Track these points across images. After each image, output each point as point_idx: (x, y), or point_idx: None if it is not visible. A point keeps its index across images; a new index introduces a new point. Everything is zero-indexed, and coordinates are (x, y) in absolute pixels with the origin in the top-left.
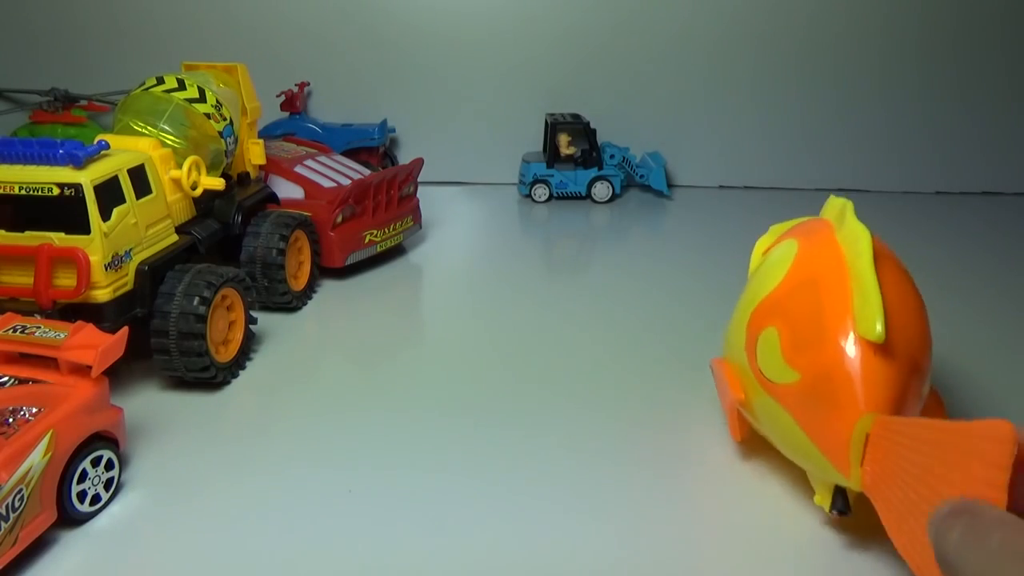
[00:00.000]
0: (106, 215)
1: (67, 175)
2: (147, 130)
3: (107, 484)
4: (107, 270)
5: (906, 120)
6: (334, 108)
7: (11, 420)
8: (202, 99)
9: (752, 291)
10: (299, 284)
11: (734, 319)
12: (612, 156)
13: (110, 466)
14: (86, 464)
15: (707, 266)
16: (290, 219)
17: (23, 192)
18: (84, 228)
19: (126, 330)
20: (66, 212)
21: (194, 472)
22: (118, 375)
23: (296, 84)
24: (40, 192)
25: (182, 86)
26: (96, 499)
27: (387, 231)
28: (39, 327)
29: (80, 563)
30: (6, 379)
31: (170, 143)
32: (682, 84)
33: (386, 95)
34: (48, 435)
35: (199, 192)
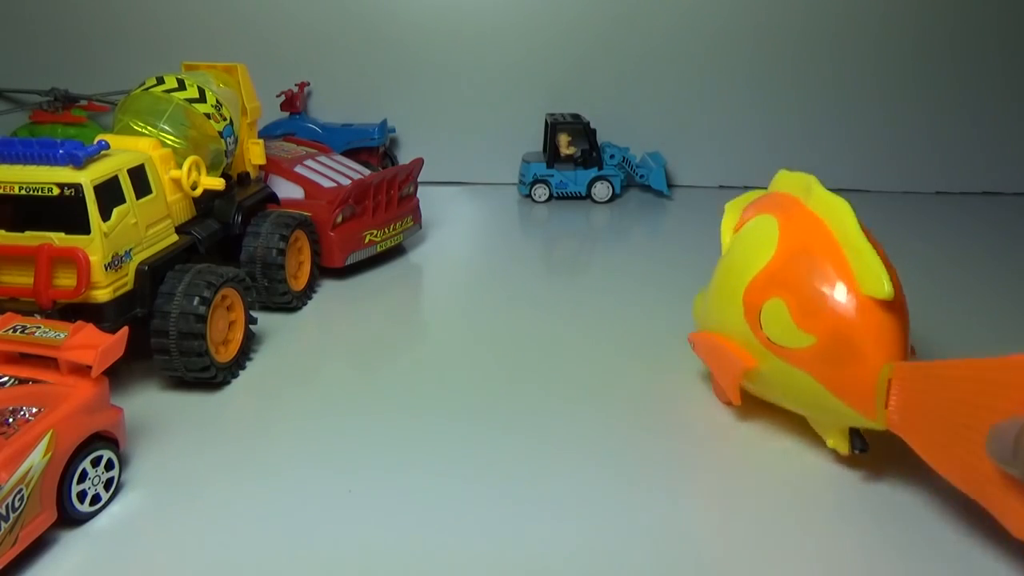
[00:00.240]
0: (106, 215)
1: (67, 175)
2: (147, 130)
3: (107, 484)
4: (107, 270)
5: (906, 120)
6: (334, 108)
7: (11, 420)
8: (202, 99)
9: (739, 266)
10: (299, 284)
11: (718, 294)
12: (612, 156)
13: (110, 466)
14: (86, 464)
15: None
16: (290, 219)
17: (23, 192)
18: (84, 228)
19: (126, 330)
20: (66, 212)
21: (194, 472)
22: (118, 375)
23: (296, 84)
24: (40, 192)
25: (182, 86)
26: (96, 499)
27: (387, 231)
28: (39, 327)
29: (80, 563)
30: (6, 379)
31: (170, 143)
32: (682, 84)
33: (386, 95)
34: (48, 435)
35: (199, 192)
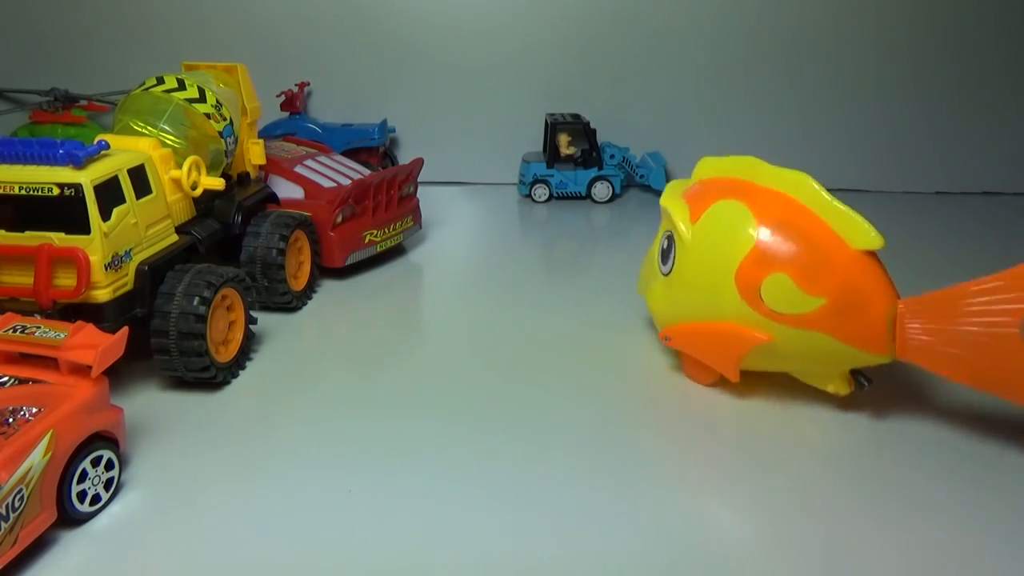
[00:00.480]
0: (106, 215)
1: (67, 175)
2: (147, 130)
3: (107, 484)
4: (107, 270)
5: (906, 120)
6: (334, 108)
7: (11, 420)
8: (202, 99)
9: (720, 254)
10: (299, 284)
11: (698, 285)
12: (612, 156)
13: (110, 466)
14: (86, 464)
15: None
16: (290, 219)
17: (23, 192)
18: (84, 228)
19: (126, 330)
20: (66, 212)
21: (194, 472)
22: (118, 375)
23: (296, 84)
24: (40, 192)
25: (182, 86)
26: (96, 499)
27: (387, 231)
28: (39, 327)
29: (80, 563)
30: (6, 379)
31: (170, 143)
32: (682, 84)
33: (386, 95)
34: (48, 435)
35: (199, 192)
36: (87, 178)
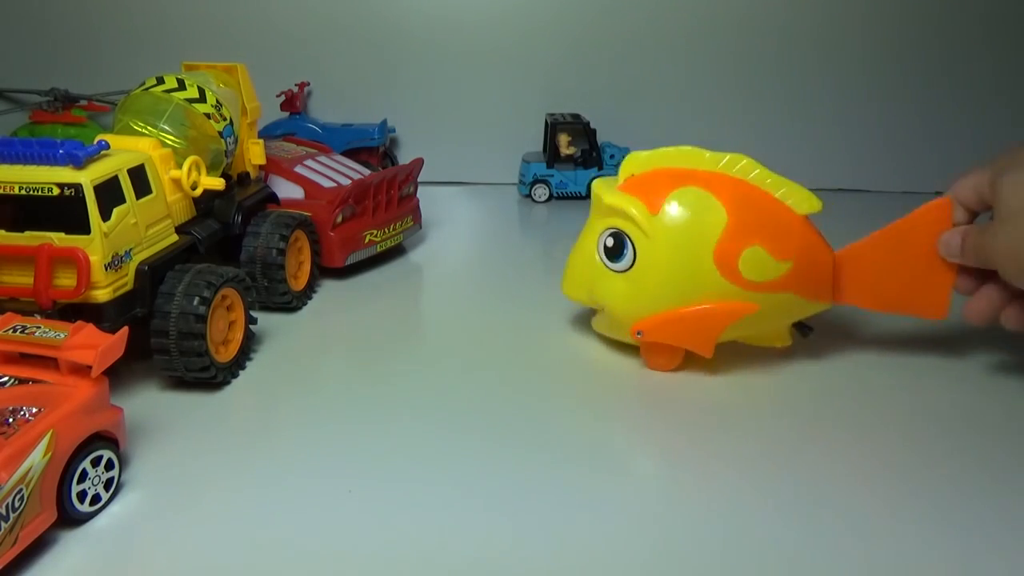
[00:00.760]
0: (106, 215)
1: (67, 175)
2: (147, 130)
3: (107, 484)
4: (107, 270)
5: (905, 120)
6: (334, 108)
7: (11, 420)
8: (202, 99)
9: (694, 238)
10: (299, 284)
11: (673, 271)
12: (612, 156)
13: (110, 466)
14: (86, 464)
15: None
16: (290, 219)
17: (23, 192)
18: (84, 228)
19: (126, 330)
20: (66, 212)
21: (194, 472)
22: (118, 375)
23: (296, 84)
24: (40, 192)
25: (182, 86)
26: (96, 499)
27: (387, 231)
28: (39, 327)
29: (80, 563)
30: (6, 379)
31: (170, 143)
32: (682, 84)
33: (386, 95)
34: (48, 435)
35: (199, 192)
36: (87, 178)
